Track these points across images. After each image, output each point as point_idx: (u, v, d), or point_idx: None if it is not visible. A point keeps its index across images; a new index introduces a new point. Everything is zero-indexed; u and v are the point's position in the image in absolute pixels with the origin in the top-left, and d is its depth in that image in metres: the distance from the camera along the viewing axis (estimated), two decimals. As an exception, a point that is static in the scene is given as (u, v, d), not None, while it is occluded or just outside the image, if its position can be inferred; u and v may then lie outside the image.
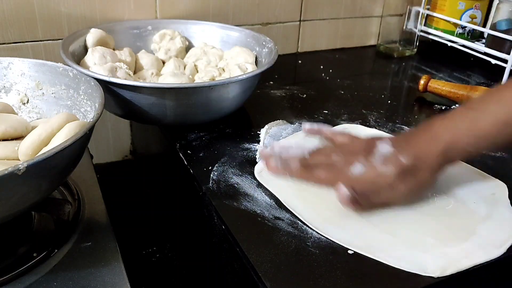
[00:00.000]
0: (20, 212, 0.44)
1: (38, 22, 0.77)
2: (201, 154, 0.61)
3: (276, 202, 0.52)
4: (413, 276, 0.43)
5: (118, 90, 0.61)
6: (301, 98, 0.80)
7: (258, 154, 0.61)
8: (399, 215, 0.50)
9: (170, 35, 0.81)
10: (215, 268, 0.57)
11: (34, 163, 0.38)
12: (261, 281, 0.42)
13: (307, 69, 0.98)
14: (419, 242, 0.46)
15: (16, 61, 0.59)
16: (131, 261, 0.48)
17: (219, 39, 0.84)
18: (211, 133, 0.66)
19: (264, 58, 0.76)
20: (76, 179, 0.57)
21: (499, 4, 0.95)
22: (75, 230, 0.49)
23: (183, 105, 0.63)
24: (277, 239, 0.47)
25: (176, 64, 0.75)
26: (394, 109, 0.78)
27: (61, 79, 0.58)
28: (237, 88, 0.65)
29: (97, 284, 0.43)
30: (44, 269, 0.44)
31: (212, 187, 0.54)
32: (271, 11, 0.97)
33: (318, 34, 1.06)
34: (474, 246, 0.46)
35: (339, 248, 0.46)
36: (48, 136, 0.47)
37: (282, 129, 0.68)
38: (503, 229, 0.49)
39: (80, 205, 0.53)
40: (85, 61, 0.70)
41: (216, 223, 0.51)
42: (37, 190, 0.42)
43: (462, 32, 1.02)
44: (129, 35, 0.81)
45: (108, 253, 0.47)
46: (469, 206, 0.52)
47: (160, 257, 0.78)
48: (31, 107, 0.60)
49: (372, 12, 1.10)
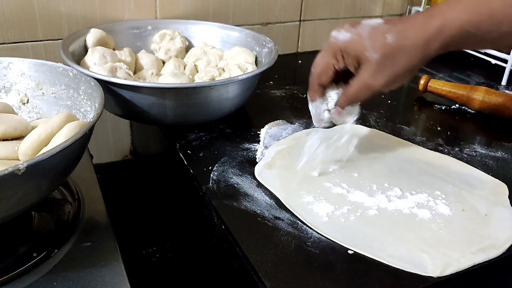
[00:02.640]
0: (20, 212, 0.44)
1: (38, 22, 0.77)
2: (201, 154, 0.61)
3: (276, 202, 0.52)
4: (413, 276, 0.43)
5: (118, 90, 0.61)
6: (301, 98, 0.80)
7: (259, 153, 0.61)
8: (398, 215, 0.50)
9: (170, 35, 0.81)
10: (215, 268, 0.57)
11: (34, 163, 0.38)
12: (261, 281, 0.42)
13: (307, 69, 0.97)
14: (419, 242, 0.46)
15: (16, 61, 0.59)
16: (131, 261, 0.48)
17: (219, 39, 0.84)
18: (211, 133, 0.66)
19: (264, 58, 0.76)
20: (76, 179, 0.57)
21: (499, 4, 0.95)
22: (75, 230, 0.49)
23: (183, 105, 0.63)
24: (277, 239, 0.47)
25: (176, 64, 0.75)
26: (394, 109, 0.78)
27: (61, 79, 0.58)
28: (237, 88, 0.65)
29: (97, 284, 0.43)
30: (44, 269, 0.44)
31: (212, 187, 0.54)
32: (271, 11, 0.97)
33: (318, 34, 1.06)
34: (474, 246, 0.46)
35: (339, 248, 0.46)
36: (48, 136, 0.47)
37: (282, 129, 0.68)
38: (503, 229, 0.49)
39: (80, 205, 0.53)
40: (85, 61, 0.70)
41: (216, 223, 0.51)
42: (37, 190, 0.42)
43: (462, 32, 1.02)
44: (129, 35, 0.81)
45: (108, 253, 0.47)
46: (469, 206, 0.52)
47: (160, 257, 0.78)
48: (31, 107, 0.60)
49: (372, 12, 1.10)
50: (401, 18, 0.49)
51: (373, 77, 0.49)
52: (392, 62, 0.47)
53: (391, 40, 0.46)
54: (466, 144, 0.67)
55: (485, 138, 0.69)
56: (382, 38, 0.47)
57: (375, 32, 0.48)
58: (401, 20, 0.48)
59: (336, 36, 0.51)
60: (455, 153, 0.64)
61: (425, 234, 0.47)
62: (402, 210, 0.51)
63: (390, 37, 0.46)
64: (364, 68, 0.49)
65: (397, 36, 0.46)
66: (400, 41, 0.46)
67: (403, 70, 0.48)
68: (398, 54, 0.47)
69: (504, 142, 0.67)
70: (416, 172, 0.58)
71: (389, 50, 0.47)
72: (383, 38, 0.47)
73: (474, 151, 0.65)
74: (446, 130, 0.71)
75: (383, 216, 0.50)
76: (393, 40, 0.46)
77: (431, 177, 0.57)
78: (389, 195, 0.53)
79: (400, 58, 0.47)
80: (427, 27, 0.45)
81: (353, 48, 0.49)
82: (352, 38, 0.49)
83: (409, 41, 0.46)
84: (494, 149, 0.65)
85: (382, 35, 0.47)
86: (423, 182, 0.56)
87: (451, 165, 0.60)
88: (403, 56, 0.47)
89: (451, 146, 0.66)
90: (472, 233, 0.48)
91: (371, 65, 0.48)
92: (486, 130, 0.72)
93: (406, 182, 0.56)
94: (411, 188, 0.55)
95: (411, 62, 0.47)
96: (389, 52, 0.47)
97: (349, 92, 0.52)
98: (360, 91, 0.51)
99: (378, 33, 0.47)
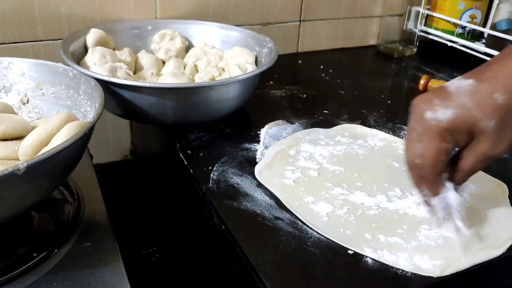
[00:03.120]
0: (20, 212, 0.44)
1: (38, 22, 0.77)
2: (201, 154, 0.61)
3: (276, 202, 0.52)
4: (413, 276, 0.43)
5: (118, 90, 0.61)
6: (301, 98, 0.80)
7: (259, 153, 0.61)
8: (398, 215, 0.50)
9: (170, 35, 0.81)
10: (215, 268, 0.57)
11: (34, 163, 0.38)
12: (261, 281, 0.42)
13: (307, 69, 0.98)
14: (419, 242, 0.46)
15: (16, 61, 0.59)
16: (131, 261, 0.48)
17: (219, 39, 0.84)
18: (211, 133, 0.66)
19: (264, 58, 0.76)
20: (76, 179, 0.57)
21: (499, 4, 0.95)
22: (75, 230, 0.49)
23: (183, 105, 0.63)
24: (277, 239, 0.47)
25: (176, 64, 0.75)
26: (394, 109, 0.78)
27: (61, 79, 0.58)
28: (237, 88, 0.65)
29: (97, 284, 0.43)
30: (44, 269, 0.44)
31: (212, 187, 0.55)
32: (271, 11, 0.97)
33: (318, 34, 1.06)
34: (474, 246, 0.46)
35: (339, 248, 0.46)
36: (48, 136, 0.47)
37: (282, 129, 0.68)
38: (503, 229, 0.49)
39: (80, 205, 0.53)
40: (85, 61, 0.70)
41: (216, 223, 0.51)
42: (37, 190, 0.42)
43: (462, 32, 1.02)
44: (129, 35, 0.81)
45: (108, 253, 0.47)
46: (469, 206, 0.52)
47: (160, 257, 0.78)
48: (31, 107, 0.60)
49: (372, 12, 1.10)
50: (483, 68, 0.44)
51: (493, 146, 0.42)
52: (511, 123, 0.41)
53: (501, 100, 0.40)
54: (466, 144, 0.67)
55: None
56: (491, 101, 0.41)
57: (478, 96, 0.41)
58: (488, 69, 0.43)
59: (435, 116, 0.42)
60: (455, 153, 0.64)
61: (425, 234, 0.47)
62: (402, 210, 0.51)
63: (499, 96, 0.40)
64: (480, 139, 0.42)
65: (504, 91, 0.40)
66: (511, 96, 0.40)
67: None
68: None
69: (504, 142, 0.67)
70: (416, 172, 0.58)
71: (505, 112, 0.41)
72: (492, 100, 0.41)
73: (474, 151, 0.65)
74: (446, 130, 0.71)
75: (383, 216, 0.50)
76: (503, 98, 0.40)
77: (431, 177, 0.57)
78: (389, 195, 0.53)
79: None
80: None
81: (463, 123, 0.42)
82: (458, 113, 0.42)
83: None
84: (494, 149, 0.65)
85: (489, 97, 0.41)
86: (423, 182, 0.56)
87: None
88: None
89: (451, 146, 0.66)
90: (472, 233, 0.48)
91: (489, 135, 0.42)
92: (486, 130, 0.72)
93: (406, 182, 0.56)
94: (411, 188, 0.55)
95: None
96: (505, 114, 0.41)
97: (466, 167, 0.44)
98: (479, 163, 0.44)
99: (483, 96, 0.41)
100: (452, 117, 0.42)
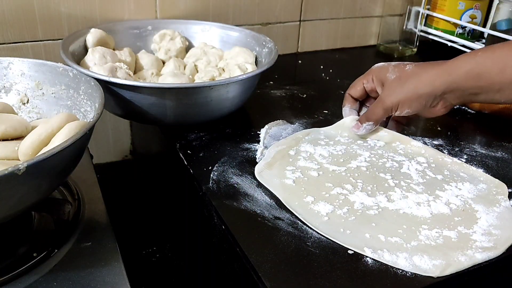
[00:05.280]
0: (20, 212, 0.44)
1: (38, 22, 0.77)
2: (201, 154, 0.61)
3: (276, 202, 0.52)
4: (413, 276, 0.43)
5: (118, 90, 0.61)
6: (301, 98, 0.80)
7: (259, 153, 0.61)
8: (398, 215, 0.50)
9: (170, 35, 0.81)
10: (215, 268, 0.57)
11: (34, 163, 0.38)
12: (261, 281, 0.42)
13: (307, 69, 0.98)
14: (419, 242, 0.46)
15: (16, 61, 0.59)
16: (131, 261, 0.48)
17: (219, 39, 0.84)
18: (211, 133, 0.66)
19: (264, 58, 0.76)
20: (76, 179, 0.57)
21: (499, 4, 0.95)
22: (75, 230, 0.49)
23: (183, 105, 0.63)
24: (277, 239, 0.47)
25: (176, 64, 0.75)
26: (394, 109, 0.78)
27: (61, 79, 0.58)
28: (237, 88, 0.65)
29: (97, 284, 0.43)
30: (44, 269, 0.44)
31: (212, 187, 0.55)
32: (271, 11, 0.97)
33: (318, 34, 1.06)
34: (474, 246, 0.46)
35: (339, 248, 0.46)
36: (48, 136, 0.47)
37: (282, 129, 0.68)
38: (503, 229, 0.49)
39: (80, 205, 0.53)
40: (85, 61, 0.70)
41: (216, 223, 0.51)
42: (37, 190, 0.42)
43: (462, 32, 1.02)
44: (129, 35, 0.81)
45: (108, 253, 0.47)
46: (469, 206, 0.52)
47: (160, 257, 0.78)
48: (31, 107, 0.60)
49: (372, 12, 1.10)
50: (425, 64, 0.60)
51: (387, 94, 0.60)
52: (403, 84, 0.59)
53: (409, 69, 0.59)
54: (466, 144, 0.67)
55: (485, 138, 0.69)
56: (403, 67, 0.60)
57: (401, 64, 0.61)
58: (425, 64, 0.60)
59: (375, 65, 0.64)
60: (455, 153, 0.64)
61: (425, 234, 0.47)
62: (402, 210, 0.51)
63: (409, 67, 0.60)
64: (383, 88, 0.61)
65: (414, 66, 0.60)
66: (416, 70, 0.59)
67: (411, 93, 0.58)
68: (410, 79, 0.58)
69: (504, 142, 0.67)
70: (416, 172, 0.58)
71: (404, 75, 0.59)
72: (404, 66, 0.60)
73: (474, 151, 0.65)
74: (446, 130, 0.71)
75: (383, 216, 0.50)
76: (410, 69, 0.59)
77: (431, 177, 0.57)
78: (389, 195, 0.53)
79: (411, 83, 0.58)
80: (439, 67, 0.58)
81: (381, 71, 0.62)
82: (383, 65, 0.63)
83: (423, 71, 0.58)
84: (494, 149, 0.65)
85: (404, 66, 0.60)
86: (424, 182, 0.56)
87: (451, 165, 0.60)
88: (413, 81, 0.58)
89: (451, 146, 0.66)
90: (472, 233, 0.48)
91: (388, 84, 0.60)
92: (486, 130, 0.72)
93: (406, 182, 0.56)
94: (411, 188, 0.55)
95: (418, 87, 0.58)
96: (404, 75, 0.59)
97: (368, 110, 0.63)
98: (376, 106, 0.61)
99: (402, 65, 0.61)
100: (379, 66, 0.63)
